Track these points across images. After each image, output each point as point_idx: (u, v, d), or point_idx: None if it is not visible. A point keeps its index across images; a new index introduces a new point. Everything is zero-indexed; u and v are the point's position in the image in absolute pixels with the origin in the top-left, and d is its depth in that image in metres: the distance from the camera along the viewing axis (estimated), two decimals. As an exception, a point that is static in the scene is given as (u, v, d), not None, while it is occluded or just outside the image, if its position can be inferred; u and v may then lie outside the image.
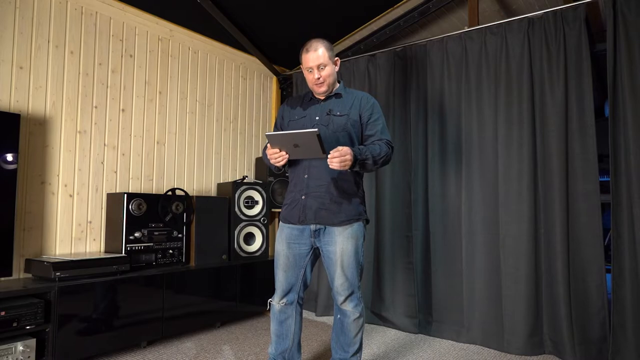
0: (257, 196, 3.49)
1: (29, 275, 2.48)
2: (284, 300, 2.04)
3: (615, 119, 2.47)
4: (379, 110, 2.07)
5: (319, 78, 1.98)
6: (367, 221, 2.07)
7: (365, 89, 3.52)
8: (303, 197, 1.99)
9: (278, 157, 1.86)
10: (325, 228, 1.97)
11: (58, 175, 2.68)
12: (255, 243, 3.47)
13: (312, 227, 1.98)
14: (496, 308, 2.80)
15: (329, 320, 3.45)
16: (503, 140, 2.83)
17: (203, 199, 3.21)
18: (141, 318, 2.62)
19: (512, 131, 2.80)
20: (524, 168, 2.74)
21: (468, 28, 3.08)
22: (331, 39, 3.90)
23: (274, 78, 4.22)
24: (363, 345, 2.13)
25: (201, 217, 3.15)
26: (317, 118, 2.04)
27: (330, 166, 1.79)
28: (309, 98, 2.13)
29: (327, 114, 2.02)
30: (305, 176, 2.00)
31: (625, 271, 2.40)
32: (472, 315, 2.89)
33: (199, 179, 3.53)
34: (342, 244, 1.95)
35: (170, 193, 3.01)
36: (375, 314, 3.34)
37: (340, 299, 2.00)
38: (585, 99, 2.59)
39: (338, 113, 2.01)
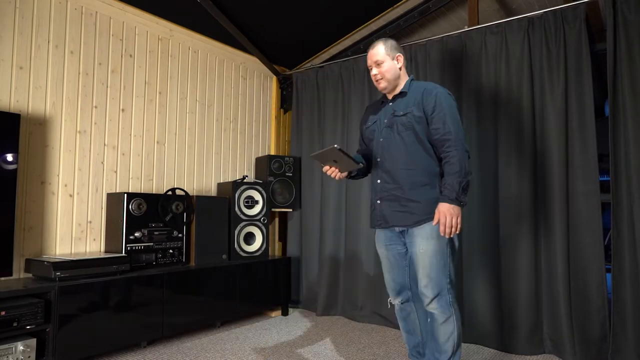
0: (257, 196, 3.49)
1: (29, 275, 2.48)
2: (399, 299, 2.10)
3: (615, 118, 2.47)
4: (443, 101, 1.93)
5: (376, 74, 2.03)
6: None
7: (365, 89, 3.52)
8: (378, 202, 2.04)
9: (331, 174, 1.99)
10: (407, 229, 1.98)
11: (58, 175, 2.68)
12: (256, 243, 3.47)
13: (397, 228, 2.00)
14: (496, 307, 2.80)
15: (329, 319, 3.45)
16: (503, 140, 2.83)
17: (203, 199, 3.21)
18: (141, 318, 2.62)
19: (512, 131, 2.80)
20: (524, 168, 2.74)
21: (468, 28, 3.08)
22: (331, 38, 3.92)
23: (274, 78, 4.22)
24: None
25: (201, 216, 3.15)
26: (385, 121, 2.05)
27: (446, 235, 1.82)
28: (381, 101, 2.15)
29: (392, 115, 2.03)
30: (378, 181, 2.05)
31: (625, 271, 2.40)
32: (472, 314, 2.89)
33: (199, 179, 3.53)
34: (420, 244, 1.92)
35: (170, 193, 3.01)
36: (375, 313, 3.34)
37: (426, 300, 1.93)
38: (585, 98, 2.59)
39: (401, 113, 2.00)
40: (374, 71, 2.03)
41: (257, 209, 3.48)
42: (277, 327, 3.24)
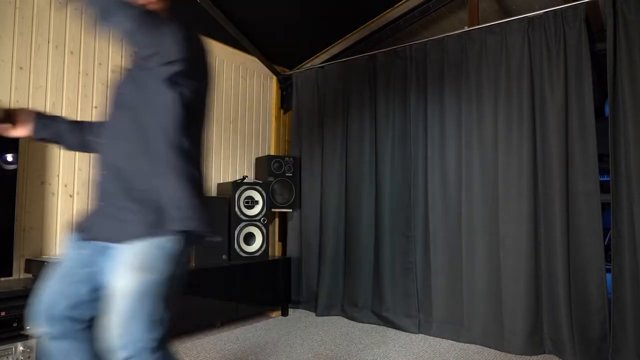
0: (257, 196, 3.49)
1: (29, 276, 2.48)
2: (52, 328, 1.31)
3: (615, 118, 2.48)
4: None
5: None
6: (186, 233, 1.26)
7: (365, 89, 3.53)
8: (94, 205, 1.37)
9: None
10: (111, 246, 1.27)
11: (58, 176, 2.68)
12: (256, 243, 3.47)
13: (101, 242, 1.31)
14: (496, 308, 2.80)
15: (329, 320, 3.45)
16: (503, 140, 2.83)
17: (203, 199, 3.20)
18: (141, 318, 2.61)
19: (512, 131, 2.80)
20: (524, 168, 2.74)
21: (468, 28, 3.08)
22: (331, 38, 3.92)
23: (274, 78, 4.22)
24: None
25: (201, 217, 3.14)
26: (113, 95, 1.40)
27: None
28: None
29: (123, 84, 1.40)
30: (98, 178, 1.35)
31: (625, 271, 2.40)
32: (472, 315, 2.89)
33: (199, 179, 3.52)
34: (120, 277, 1.23)
35: (170, 193, 3.01)
36: (375, 314, 3.34)
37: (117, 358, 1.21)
38: (585, 98, 2.59)
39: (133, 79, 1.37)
40: None
41: (257, 209, 3.48)
42: (277, 327, 3.23)
